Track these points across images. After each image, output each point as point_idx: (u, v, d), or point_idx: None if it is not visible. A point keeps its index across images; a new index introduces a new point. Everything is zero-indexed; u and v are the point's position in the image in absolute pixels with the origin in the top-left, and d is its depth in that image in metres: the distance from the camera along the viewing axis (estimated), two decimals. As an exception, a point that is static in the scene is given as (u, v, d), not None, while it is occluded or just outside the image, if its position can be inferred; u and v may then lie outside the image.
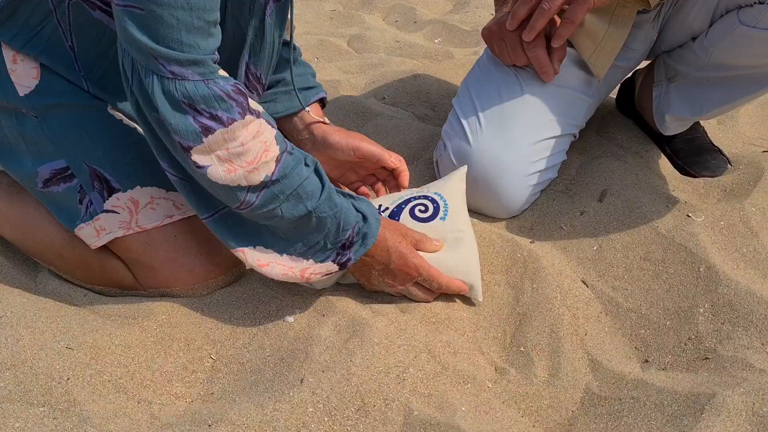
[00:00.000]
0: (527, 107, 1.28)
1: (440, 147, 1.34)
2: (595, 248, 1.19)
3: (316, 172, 0.95)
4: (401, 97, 1.81)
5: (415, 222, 1.10)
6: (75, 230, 1.05)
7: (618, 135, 1.51)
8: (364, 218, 0.98)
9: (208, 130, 0.86)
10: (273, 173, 0.90)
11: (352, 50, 2.23)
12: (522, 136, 1.26)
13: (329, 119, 1.67)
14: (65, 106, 1.03)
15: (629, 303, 1.11)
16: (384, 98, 1.82)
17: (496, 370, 1.00)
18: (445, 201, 1.13)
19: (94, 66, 1.03)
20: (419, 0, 2.77)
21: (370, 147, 1.16)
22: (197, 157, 0.88)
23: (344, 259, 0.98)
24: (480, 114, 1.28)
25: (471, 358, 1.01)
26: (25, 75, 1.01)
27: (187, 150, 0.87)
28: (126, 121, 1.07)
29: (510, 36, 1.26)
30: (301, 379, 0.91)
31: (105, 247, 1.08)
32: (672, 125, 1.41)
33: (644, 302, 1.11)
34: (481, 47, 2.19)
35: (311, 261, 0.97)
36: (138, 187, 1.04)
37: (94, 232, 1.04)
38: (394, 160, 1.17)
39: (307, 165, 0.94)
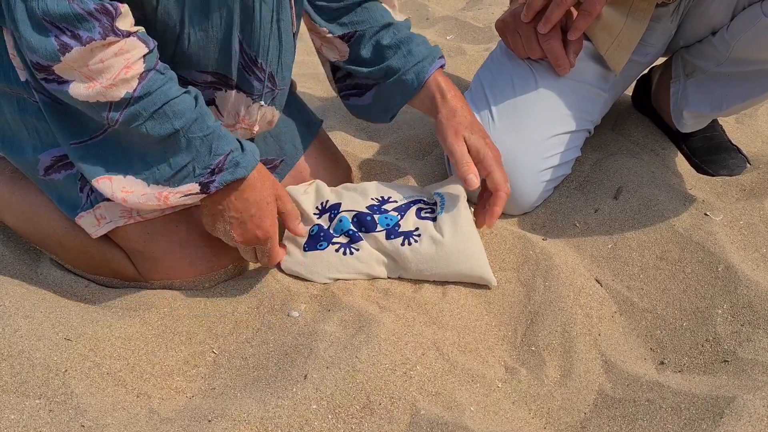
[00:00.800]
0: (541, 101, 1.24)
1: None
2: (609, 246, 1.16)
3: (193, 96, 0.92)
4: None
5: (418, 220, 1.09)
6: (76, 219, 1.03)
7: (634, 132, 1.48)
8: (242, 149, 0.95)
9: (65, 48, 0.84)
10: (135, 90, 0.88)
11: (363, 45, 2.21)
12: (535, 130, 1.22)
13: (343, 112, 1.65)
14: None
15: (645, 303, 1.07)
16: (394, 93, 1.79)
17: (506, 369, 0.97)
18: (443, 200, 1.11)
19: None
20: (432, -3, 2.75)
21: (451, 146, 1.10)
22: (61, 72, 0.85)
23: (208, 181, 0.93)
24: (493, 107, 1.24)
25: (480, 357, 0.97)
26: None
27: (48, 68, 0.85)
28: None
29: (525, 28, 1.23)
30: (305, 375, 0.88)
31: (107, 237, 1.06)
32: (690, 122, 1.37)
33: (660, 302, 1.07)
34: (494, 44, 2.16)
35: (169, 189, 0.93)
36: (140, 175, 1.01)
37: (94, 221, 1.02)
38: (464, 176, 1.09)
39: (179, 86, 0.91)
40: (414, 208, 1.11)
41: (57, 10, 0.83)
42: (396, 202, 1.12)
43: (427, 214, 1.11)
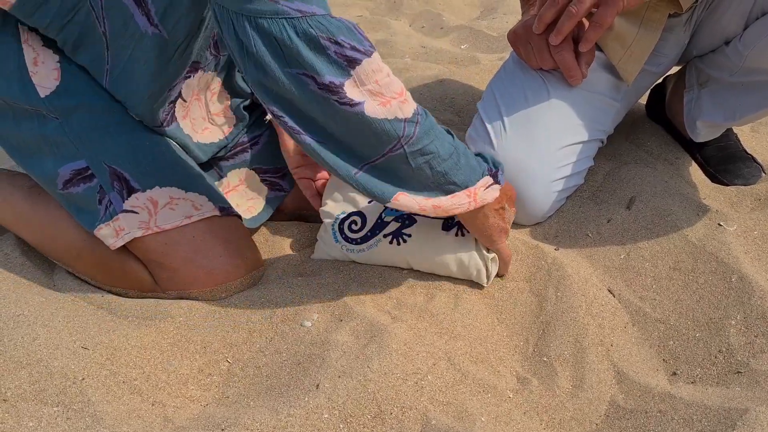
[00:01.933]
0: (553, 111, 1.25)
1: None
2: (622, 256, 1.16)
3: None
4: (426, 103, 1.79)
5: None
6: (94, 231, 1.04)
7: (647, 141, 1.47)
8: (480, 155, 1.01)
9: (353, 62, 0.82)
10: (417, 108, 0.89)
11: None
12: (547, 140, 1.23)
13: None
14: (86, 106, 1.02)
15: (657, 313, 1.07)
16: (408, 103, 1.80)
17: (518, 379, 0.98)
18: None
19: (117, 60, 1.02)
20: (446, 6, 2.76)
21: (292, 166, 1.18)
22: (351, 93, 0.83)
23: (495, 172, 0.99)
24: (505, 118, 1.25)
25: (492, 367, 0.98)
26: (46, 76, 1.01)
27: (340, 87, 0.82)
28: None
29: (536, 39, 1.24)
30: (317, 385, 0.89)
31: (125, 249, 1.07)
32: (704, 132, 1.37)
33: (673, 313, 1.07)
34: (508, 53, 2.16)
35: (472, 186, 0.96)
36: (157, 187, 1.03)
37: (113, 233, 1.04)
38: (312, 198, 1.18)
39: None
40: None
41: (332, 25, 0.81)
42: None
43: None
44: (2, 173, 1.17)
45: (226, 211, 1.10)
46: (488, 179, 0.98)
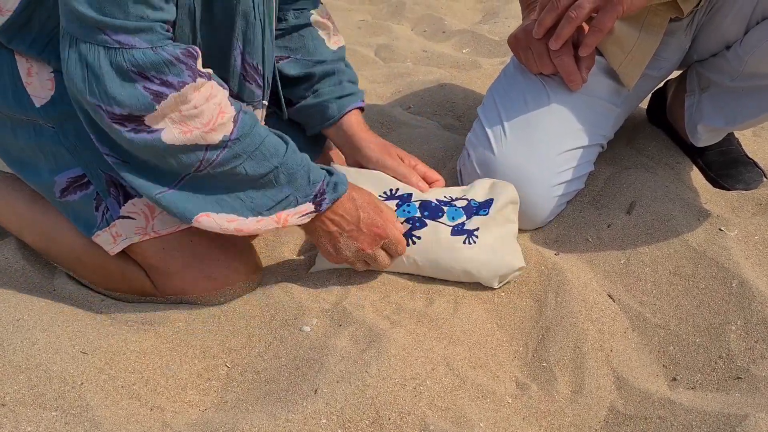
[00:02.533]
0: (553, 116, 1.25)
1: (464, 156, 1.32)
2: (622, 261, 1.16)
3: (278, 133, 0.96)
4: (427, 107, 1.80)
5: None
6: (92, 237, 1.05)
7: (648, 146, 1.47)
8: (330, 173, 1.01)
9: (160, 96, 0.86)
10: (232, 132, 0.91)
11: (380, 60, 2.22)
12: (548, 145, 1.23)
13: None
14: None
15: (657, 319, 1.07)
16: (410, 108, 1.80)
17: (517, 385, 0.97)
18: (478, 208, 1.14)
19: None
20: (448, 10, 2.77)
21: (394, 167, 1.17)
22: (150, 122, 0.87)
23: (320, 200, 0.99)
24: (505, 122, 1.25)
25: (491, 372, 0.98)
26: (40, 86, 1.01)
27: (138, 118, 0.86)
28: None
29: (537, 44, 1.24)
30: (316, 390, 0.89)
31: (124, 254, 1.08)
32: (705, 136, 1.36)
33: (673, 318, 1.07)
34: (509, 57, 2.16)
35: (285, 211, 0.98)
36: (154, 192, 1.03)
37: (110, 239, 1.04)
38: (420, 184, 1.17)
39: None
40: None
41: (146, 59, 0.85)
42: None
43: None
44: (4, 178, 1.18)
45: (225, 215, 1.10)
46: (307, 207, 0.98)
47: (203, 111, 0.89)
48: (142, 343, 0.98)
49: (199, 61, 0.90)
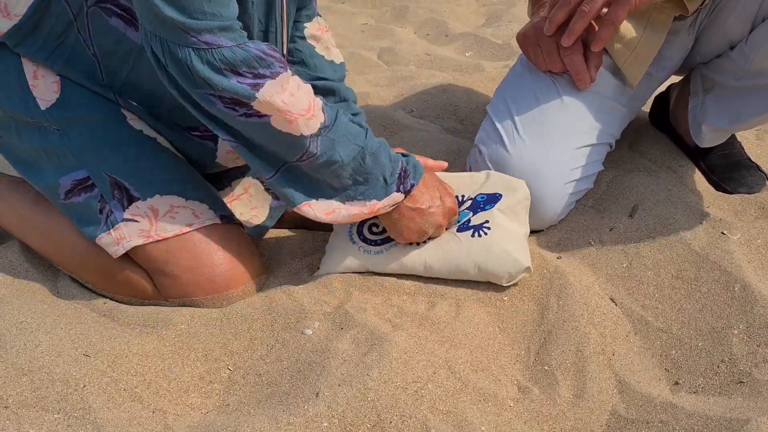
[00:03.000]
0: (565, 113, 1.24)
1: (474, 154, 1.30)
2: (624, 265, 1.16)
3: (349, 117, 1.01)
4: (430, 110, 1.80)
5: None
6: (96, 239, 1.05)
7: (651, 149, 1.47)
8: (404, 155, 1.05)
9: (257, 86, 0.89)
10: (325, 120, 0.94)
11: (383, 63, 2.23)
12: (561, 142, 1.22)
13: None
14: (85, 118, 1.03)
15: (660, 322, 1.07)
16: (413, 111, 1.81)
17: (518, 388, 0.97)
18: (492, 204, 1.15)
19: (116, 75, 1.03)
20: (451, 14, 2.77)
21: None
22: (258, 108, 0.91)
23: (407, 187, 1.03)
24: (517, 119, 1.24)
25: (493, 376, 0.98)
26: (46, 89, 1.02)
27: (246, 104, 0.90)
28: (146, 130, 1.08)
29: (546, 41, 1.23)
30: (317, 393, 0.89)
31: (127, 257, 1.08)
32: (709, 136, 1.36)
33: (675, 322, 1.06)
34: (513, 60, 2.17)
35: (375, 200, 1.01)
36: (157, 195, 1.04)
37: (114, 241, 1.04)
38: None
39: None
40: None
41: (235, 57, 0.88)
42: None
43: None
44: (8, 181, 1.18)
45: (228, 219, 1.10)
46: (397, 196, 1.03)
47: (299, 98, 0.92)
48: (144, 345, 0.98)
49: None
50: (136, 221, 1.03)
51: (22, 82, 1.01)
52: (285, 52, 1.12)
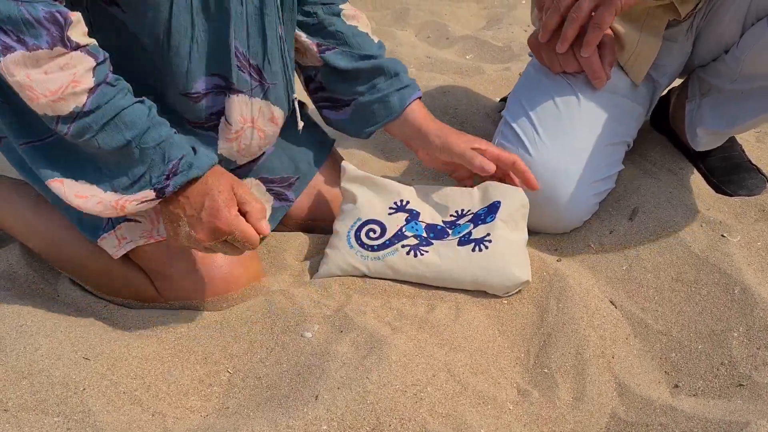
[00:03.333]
0: (585, 114, 1.24)
1: None
2: (624, 268, 1.16)
3: (147, 106, 0.93)
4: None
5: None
6: (98, 241, 1.05)
7: (651, 152, 1.47)
8: (195, 152, 0.96)
9: (8, 49, 0.83)
10: (85, 104, 0.87)
11: (383, 66, 2.23)
12: (583, 143, 1.21)
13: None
14: None
15: (659, 325, 1.07)
16: (413, 113, 1.80)
17: (518, 391, 0.97)
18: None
19: (117, 70, 1.02)
20: (452, 16, 2.77)
21: (461, 154, 1.16)
22: (5, 78, 0.85)
23: (163, 186, 0.93)
24: (536, 122, 1.23)
25: (492, 379, 0.98)
26: None
27: None
28: None
29: None
30: (316, 396, 0.89)
31: (128, 259, 1.08)
32: (704, 140, 1.36)
33: (675, 325, 1.06)
34: (513, 63, 2.17)
35: (130, 194, 0.93)
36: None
37: (115, 242, 1.05)
38: (481, 165, 1.14)
39: (131, 97, 0.92)
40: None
41: (3, 10, 0.82)
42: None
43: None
44: (10, 183, 1.18)
45: (228, 221, 1.10)
46: (147, 194, 0.93)
47: (51, 79, 0.86)
48: (144, 348, 0.98)
49: (73, 30, 0.86)
50: (138, 221, 1.04)
51: None
52: (276, 29, 1.07)
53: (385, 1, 2.94)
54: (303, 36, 1.19)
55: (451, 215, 1.16)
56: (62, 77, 0.86)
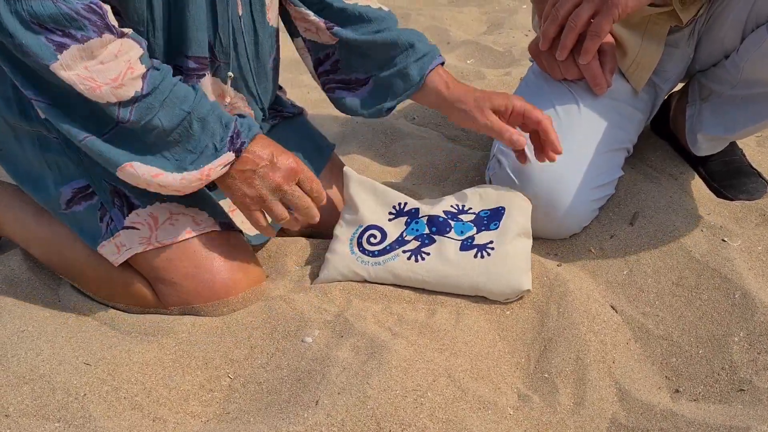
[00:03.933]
0: (584, 120, 1.24)
1: (494, 165, 1.29)
2: (625, 272, 1.16)
3: (190, 84, 0.97)
4: (431, 118, 1.80)
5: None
6: (97, 248, 1.06)
7: (652, 156, 1.47)
8: (241, 115, 1.01)
9: (62, 47, 0.85)
10: (142, 88, 0.91)
11: (384, 71, 2.23)
12: (583, 148, 1.22)
13: (360, 138, 1.67)
14: None
15: (660, 330, 1.07)
16: (414, 119, 1.81)
17: (518, 396, 0.97)
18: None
19: None
20: (453, 21, 2.78)
21: (487, 125, 1.15)
22: (62, 74, 0.87)
23: (238, 145, 0.98)
24: None
25: (493, 384, 0.98)
26: None
27: (46, 69, 0.86)
28: None
29: None
30: (317, 401, 0.89)
31: (128, 265, 1.08)
32: (704, 145, 1.36)
33: (676, 329, 1.06)
34: (514, 68, 2.17)
35: (206, 166, 0.97)
36: (157, 202, 1.04)
37: (115, 249, 1.05)
38: (511, 139, 1.14)
39: (173, 76, 0.95)
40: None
41: (44, 11, 0.84)
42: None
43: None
44: (12, 190, 1.19)
45: (227, 226, 1.11)
46: (228, 156, 0.98)
47: (110, 67, 0.88)
48: (144, 354, 0.99)
49: (109, 17, 0.88)
50: (137, 229, 1.04)
51: (19, 90, 1.02)
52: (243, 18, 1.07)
53: (387, 5, 2.95)
54: (311, 15, 1.18)
55: (452, 206, 1.16)
56: (119, 65, 0.89)
